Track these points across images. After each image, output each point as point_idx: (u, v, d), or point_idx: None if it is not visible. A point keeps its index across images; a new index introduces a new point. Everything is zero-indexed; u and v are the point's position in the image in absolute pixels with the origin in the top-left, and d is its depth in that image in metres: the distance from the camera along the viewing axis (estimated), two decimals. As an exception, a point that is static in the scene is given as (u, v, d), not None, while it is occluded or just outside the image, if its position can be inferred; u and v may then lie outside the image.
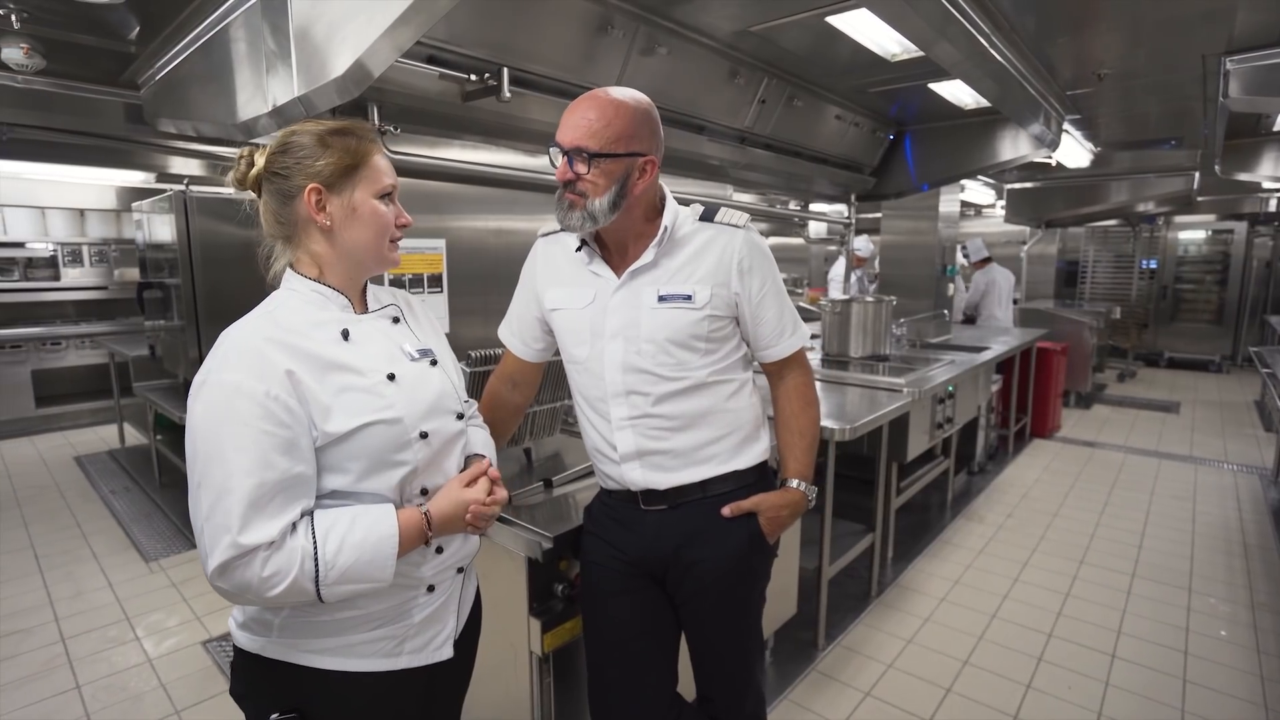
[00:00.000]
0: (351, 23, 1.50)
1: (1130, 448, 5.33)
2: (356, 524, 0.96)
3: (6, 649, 2.65)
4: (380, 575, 0.97)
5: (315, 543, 0.92)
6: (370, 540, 0.95)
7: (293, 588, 0.90)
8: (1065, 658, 2.57)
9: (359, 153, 1.05)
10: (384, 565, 0.97)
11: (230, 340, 0.97)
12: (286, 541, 0.90)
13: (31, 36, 2.50)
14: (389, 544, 0.96)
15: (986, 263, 6.40)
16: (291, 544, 0.91)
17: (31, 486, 4.50)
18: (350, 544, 0.94)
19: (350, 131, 1.07)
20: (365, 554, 0.95)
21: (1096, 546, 3.54)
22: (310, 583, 0.91)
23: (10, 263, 6.03)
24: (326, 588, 0.92)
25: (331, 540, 0.93)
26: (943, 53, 2.36)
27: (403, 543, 0.99)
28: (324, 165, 1.03)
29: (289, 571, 0.90)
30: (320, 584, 0.92)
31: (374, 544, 0.95)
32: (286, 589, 0.90)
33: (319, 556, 0.91)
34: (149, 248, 3.84)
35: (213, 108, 2.23)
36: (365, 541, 0.95)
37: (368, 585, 0.96)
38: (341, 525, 0.95)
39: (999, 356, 4.23)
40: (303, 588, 0.91)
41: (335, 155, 1.03)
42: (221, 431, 0.91)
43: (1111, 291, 9.23)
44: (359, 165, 1.05)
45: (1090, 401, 6.90)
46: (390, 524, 0.97)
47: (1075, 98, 3.78)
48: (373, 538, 0.96)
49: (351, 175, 1.05)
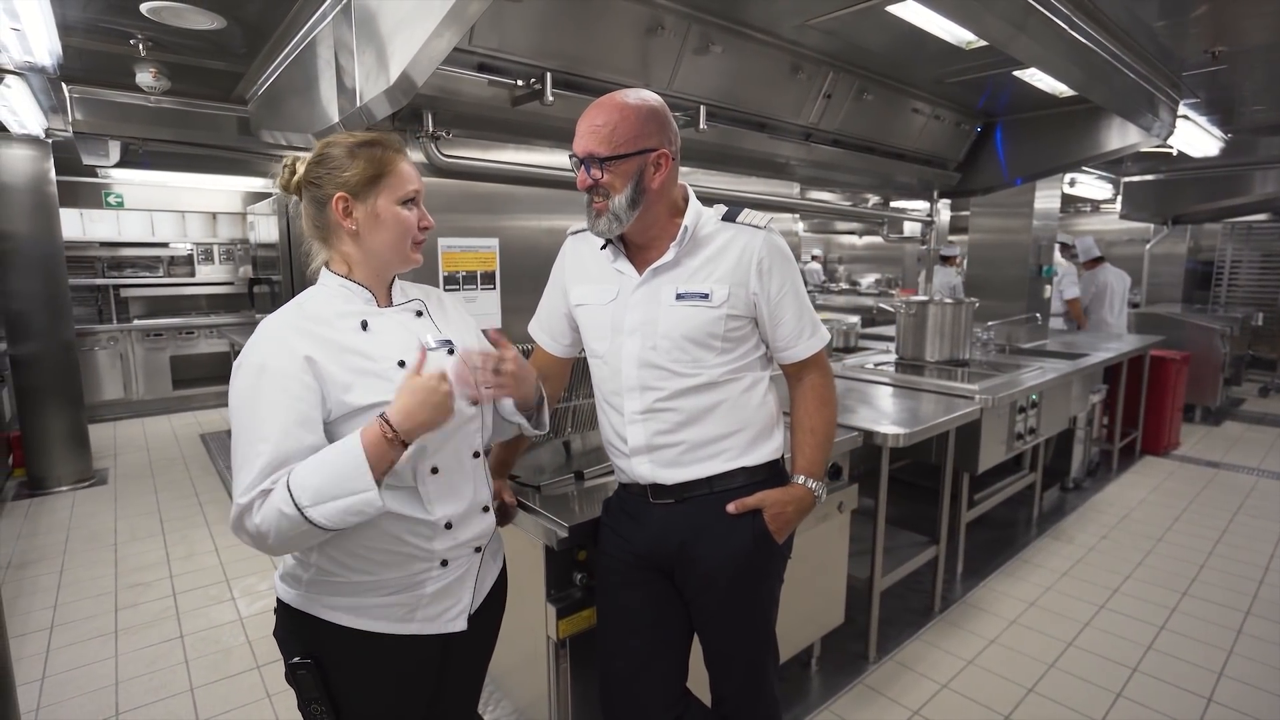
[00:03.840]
0: (400, 35, 1.61)
1: (1264, 471, 4.74)
2: (321, 452, 1.02)
3: (131, 598, 3.02)
4: (359, 484, 0.99)
5: (288, 478, 1.00)
6: (334, 457, 1.01)
7: (281, 519, 0.97)
8: (1149, 696, 2.34)
9: (383, 162, 1.15)
10: (358, 475, 0.99)
11: (262, 327, 1.10)
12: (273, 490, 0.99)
13: (158, 61, 2.84)
14: (354, 454, 1.00)
15: (1098, 263, 5.88)
16: (276, 489, 0.99)
17: (164, 458, 5.09)
18: (314, 465, 1.00)
19: (377, 143, 1.17)
20: (333, 468, 0.99)
21: (1206, 578, 3.19)
22: (290, 507, 0.97)
23: (156, 260, 6.84)
24: (309, 509, 0.97)
25: (298, 470, 1.00)
26: (1022, 47, 2.21)
27: (369, 448, 1.01)
28: (350, 175, 1.13)
29: (274, 509, 0.98)
30: (299, 506, 0.97)
31: (338, 457, 1.00)
32: (276, 523, 0.98)
33: (290, 484, 0.98)
34: (259, 247, 4.26)
35: (299, 118, 2.45)
36: (331, 460, 1.00)
37: (352, 498, 0.99)
38: (307, 460, 1.01)
39: (1099, 364, 3.89)
40: (288, 515, 0.97)
41: (361, 165, 1.13)
42: (246, 405, 1.04)
43: (1255, 295, 8.18)
44: (383, 174, 1.14)
45: (1221, 417, 6.18)
46: (351, 437, 1.02)
47: (1195, 79, 3.41)
48: (335, 453, 1.01)
49: (376, 184, 1.14)
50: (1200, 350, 5.74)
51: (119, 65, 2.86)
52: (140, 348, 6.33)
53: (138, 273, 6.75)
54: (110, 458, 5.10)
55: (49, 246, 4.18)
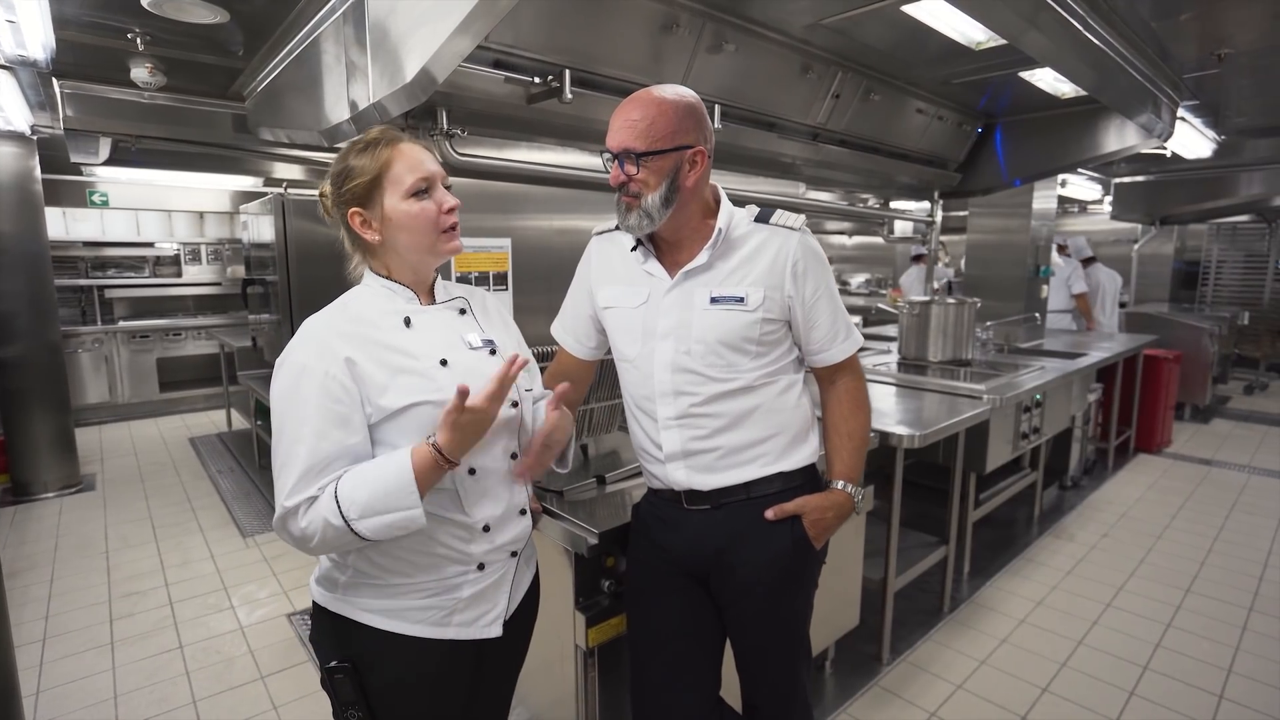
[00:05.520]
0: (419, 30, 1.57)
1: (1255, 468, 4.81)
2: (371, 465, 1.03)
3: (125, 608, 2.94)
4: (406, 502, 1.00)
5: (336, 487, 1.01)
6: (384, 473, 1.01)
7: (327, 528, 0.99)
8: (1162, 694, 2.35)
9: (378, 162, 1.11)
10: (404, 493, 1.00)
11: (304, 327, 1.09)
12: (320, 495, 1.00)
13: (155, 57, 2.77)
14: (404, 473, 1.00)
15: (1090, 262, 5.95)
16: (323, 497, 1.00)
17: (153, 463, 4.98)
18: (364, 480, 1.01)
19: (370, 143, 1.13)
20: (382, 484, 1.00)
21: (1207, 575, 3.22)
22: (338, 518, 0.99)
23: (142, 260, 6.70)
24: (355, 522, 0.99)
25: (346, 481, 1.01)
26: (1032, 42, 2.21)
27: (418, 470, 1.01)
28: (354, 186, 1.11)
29: (320, 516, 0.99)
30: (347, 519, 0.99)
31: (389, 474, 1.01)
32: (322, 530, 0.99)
33: (338, 495, 1.00)
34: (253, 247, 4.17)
35: (303, 115, 2.39)
36: (379, 475, 1.01)
37: (398, 514, 1.00)
38: (356, 469, 1.03)
39: (1097, 364, 3.92)
40: (335, 525, 0.99)
41: (357, 176, 1.11)
42: (287, 407, 1.03)
43: (1240, 295, 8.33)
44: (380, 175, 1.11)
45: (1209, 415, 6.27)
46: (402, 455, 1.02)
47: (1194, 81, 3.45)
48: (386, 470, 1.01)
49: (377, 188, 1.11)
50: (1190, 349, 5.81)
51: (113, 60, 2.78)
52: (125, 350, 6.20)
53: (122, 273, 6.61)
54: (97, 462, 4.98)
55: (34, 246, 4.07)
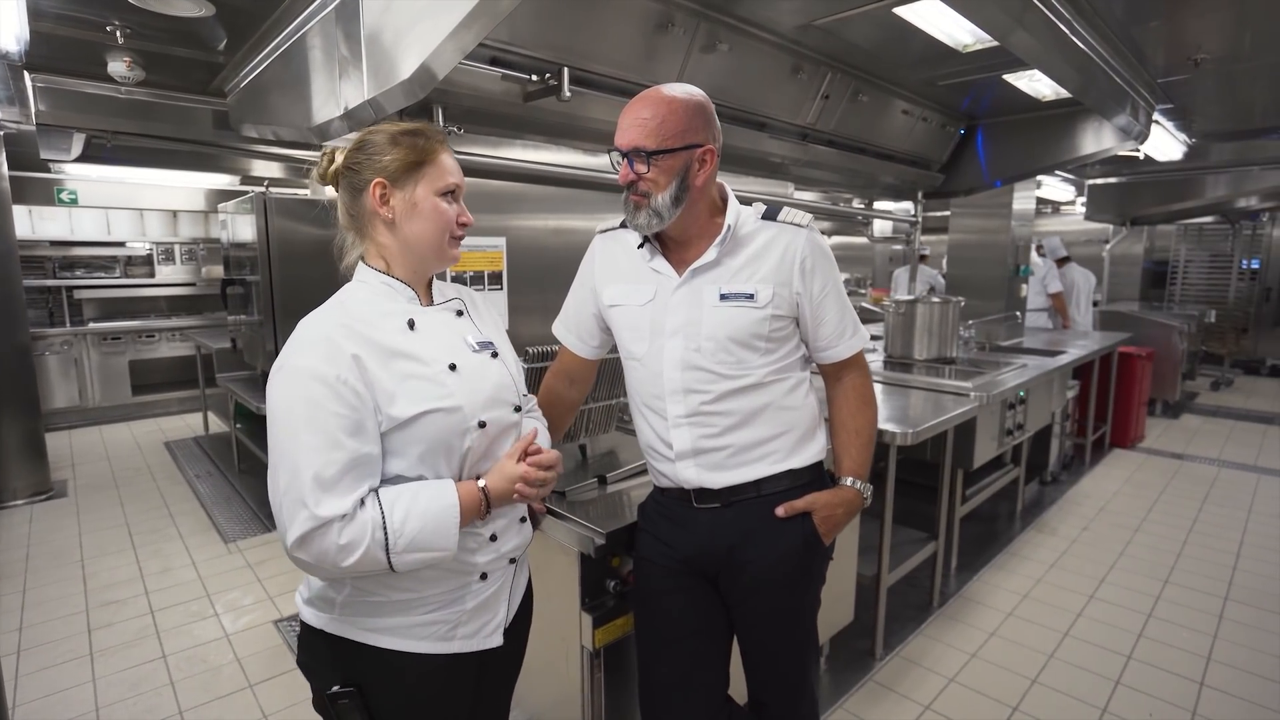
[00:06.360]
0: (418, 27, 1.54)
1: (1225, 461, 4.95)
2: (419, 495, 1.01)
3: (104, 617, 2.86)
4: (445, 544, 1.01)
5: (383, 513, 0.97)
6: (433, 509, 1.00)
7: (365, 556, 0.95)
8: (1146, 683, 2.41)
9: (424, 150, 1.10)
10: (448, 534, 1.01)
11: (304, 328, 1.03)
12: (358, 514, 0.96)
13: (133, 50, 2.69)
14: (451, 513, 1.01)
15: (1065, 262, 6.08)
16: (362, 516, 0.96)
17: (127, 468, 4.85)
18: (415, 513, 0.99)
19: (420, 132, 1.12)
20: (430, 522, 0.99)
21: (1184, 566, 3.31)
22: (381, 551, 0.96)
23: (113, 260, 6.53)
24: (396, 555, 0.97)
25: (398, 510, 0.98)
26: (1020, 42, 2.25)
27: (462, 514, 1.02)
28: (390, 160, 1.08)
29: (362, 540, 0.95)
30: (390, 552, 0.97)
31: (437, 513, 1.00)
32: (360, 557, 0.95)
33: (387, 525, 0.97)
34: (232, 246, 4.08)
35: (290, 112, 2.35)
36: (429, 510, 1.00)
37: (434, 554, 1.00)
38: (405, 497, 1.00)
39: (1076, 361, 4.00)
40: (375, 556, 0.96)
41: (402, 152, 1.08)
42: (296, 412, 0.96)
43: (1206, 294, 8.60)
44: (423, 162, 1.09)
45: (1179, 411, 6.45)
46: (451, 494, 1.02)
47: (1168, 86, 3.54)
48: (435, 507, 1.00)
49: (415, 171, 1.09)
50: (1161, 347, 5.97)
51: (89, 53, 2.70)
52: (96, 352, 6.03)
53: (92, 273, 6.43)
54: (68, 468, 4.84)
55: (2, 245, 3.94)
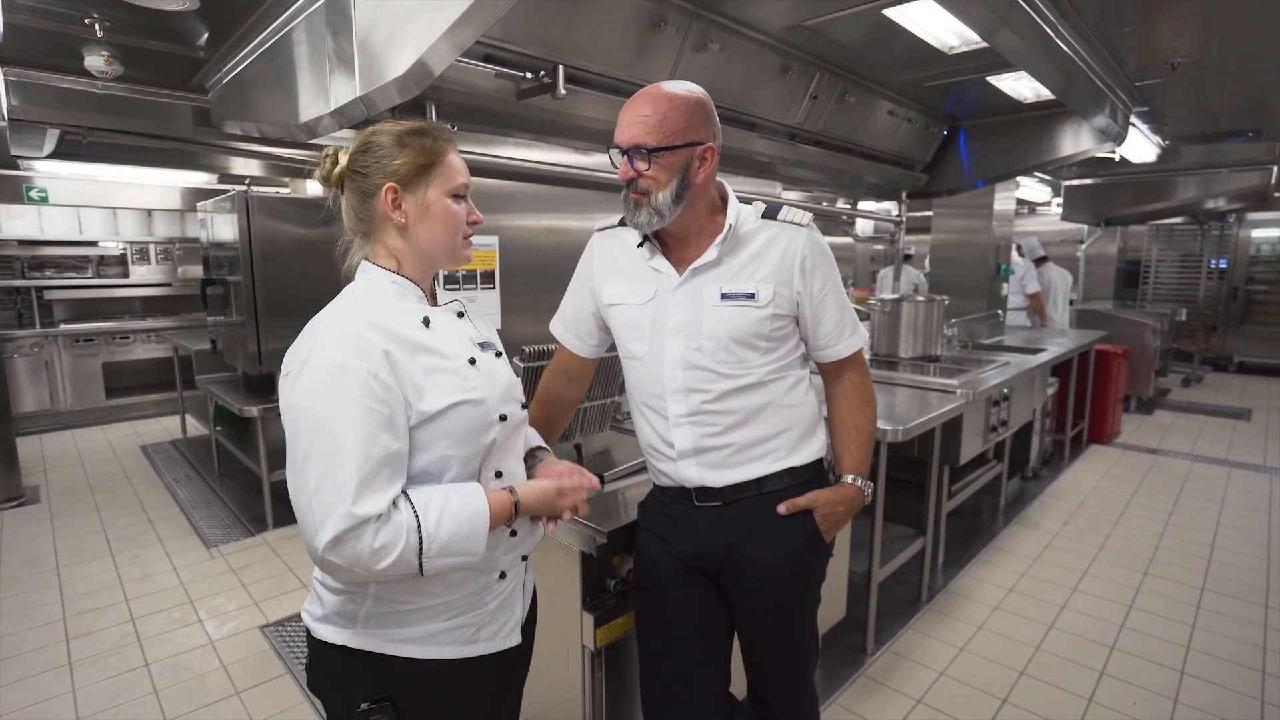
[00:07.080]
0: (413, 23, 1.53)
1: (1198, 456, 5.08)
2: (451, 499, 0.99)
3: (82, 626, 2.79)
4: (474, 549, 1.00)
5: (417, 516, 0.95)
6: (465, 514, 0.99)
7: (400, 559, 0.93)
8: (1130, 672, 2.46)
9: (434, 152, 1.08)
10: (477, 539, 1.00)
11: (327, 324, 1.00)
12: (393, 515, 0.94)
13: (112, 44, 2.63)
14: (481, 518, 1.00)
15: (1043, 262, 6.20)
16: (397, 517, 0.94)
17: (102, 473, 4.73)
18: (448, 516, 0.97)
19: (426, 132, 1.10)
20: (462, 527, 0.98)
21: (1162, 558, 3.39)
22: (415, 555, 0.94)
23: (85, 260, 6.37)
24: (429, 560, 0.96)
25: (431, 513, 0.96)
26: (1005, 41, 2.28)
27: (492, 519, 1.02)
28: (400, 164, 1.06)
29: (397, 543, 0.93)
30: (424, 556, 0.95)
31: (468, 517, 0.99)
32: (395, 560, 0.93)
33: (422, 529, 0.95)
34: (212, 246, 4.00)
35: (276, 109, 2.31)
36: (461, 514, 0.98)
37: (463, 559, 0.99)
38: (438, 500, 0.98)
39: (1056, 359, 4.08)
40: (408, 560, 0.94)
41: (411, 154, 1.06)
42: (328, 408, 0.93)
43: (1177, 293, 8.82)
44: (433, 164, 1.08)
45: (1152, 407, 6.60)
46: (481, 499, 1.01)
47: (1144, 88, 3.62)
48: (467, 511, 0.99)
49: (426, 174, 1.07)
50: (1135, 344, 6.10)
51: (65, 47, 2.62)
52: (68, 354, 5.88)
53: (63, 273, 6.26)
54: (40, 474, 4.71)
55: (-30, 245, 3.82)
